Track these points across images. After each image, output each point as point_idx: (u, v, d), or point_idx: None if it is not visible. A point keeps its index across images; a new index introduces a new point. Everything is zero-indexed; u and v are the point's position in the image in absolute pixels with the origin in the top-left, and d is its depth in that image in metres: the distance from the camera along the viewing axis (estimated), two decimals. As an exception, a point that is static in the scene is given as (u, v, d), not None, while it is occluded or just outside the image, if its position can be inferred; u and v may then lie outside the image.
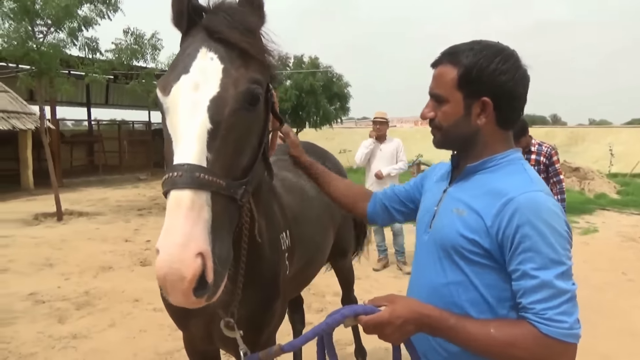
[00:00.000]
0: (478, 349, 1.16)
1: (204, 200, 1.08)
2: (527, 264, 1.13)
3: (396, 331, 1.17)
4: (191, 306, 1.08)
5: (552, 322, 1.09)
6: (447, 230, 1.29)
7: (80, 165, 19.41)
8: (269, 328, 1.87)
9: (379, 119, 6.20)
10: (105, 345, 4.07)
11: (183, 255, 1.00)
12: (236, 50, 1.25)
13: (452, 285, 1.28)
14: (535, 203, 1.16)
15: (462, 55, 1.28)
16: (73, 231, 8.50)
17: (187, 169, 1.09)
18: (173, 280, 1.01)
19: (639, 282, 5.73)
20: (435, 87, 1.33)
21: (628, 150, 18.10)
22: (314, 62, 19.47)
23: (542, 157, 4.81)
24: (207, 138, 1.13)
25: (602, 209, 10.57)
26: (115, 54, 9.77)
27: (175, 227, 1.03)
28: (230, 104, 1.18)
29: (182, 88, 1.19)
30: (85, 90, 20.84)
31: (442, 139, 1.37)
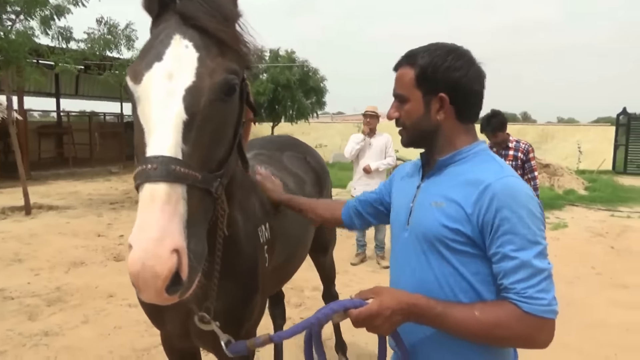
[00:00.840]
0: (465, 333, 1.21)
1: (180, 193, 1.05)
2: (506, 246, 1.19)
3: (385, 322, 1.20)
4: (163, 303, 1.05)
5: (532, 299, 1.16)
6: (429, 223, 1.32)
7: (49, 158, 18.81)
8: (248, 322, 1.85)
9: (369, 112, 6.16)
10: (78, 342, 3.96)
11: (158, 251, 0.97)
12: (212, 38, 1.21)
13: (440, 277, 1.31)
14: (511, 187, 1.23)
15: (418, 56, 1.37)
16: (42, 225, 8.24)
17: (162, 161, 1.05)
18: (146, 278, 0.98)
19: (608, 276, 5.93)
20: (397, 88, 1.42)
21: (595, 147, 18.70)
22: (290, 56, 19.36)
23: (520, 153, 4.92)
24: (182, 129, 1.09)
25: (571, 204, 10.87)
26: (88, 43, 9.48)
27: (149, 221, 0.99)
28: (206, 95, 1.15)
29: (155, 76, 1.14)
30: (54, 80, 20.21)
31: (408, 137, 1.45)
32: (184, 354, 2.04)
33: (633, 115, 18.72)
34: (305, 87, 19.20)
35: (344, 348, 3.61)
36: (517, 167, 4.85)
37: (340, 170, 15.35)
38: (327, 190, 3.13)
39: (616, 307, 4.90)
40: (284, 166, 2.64)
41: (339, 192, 11.74)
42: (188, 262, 1.03)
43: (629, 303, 5.00)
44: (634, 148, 18.46)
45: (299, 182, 2.63)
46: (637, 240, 7.65)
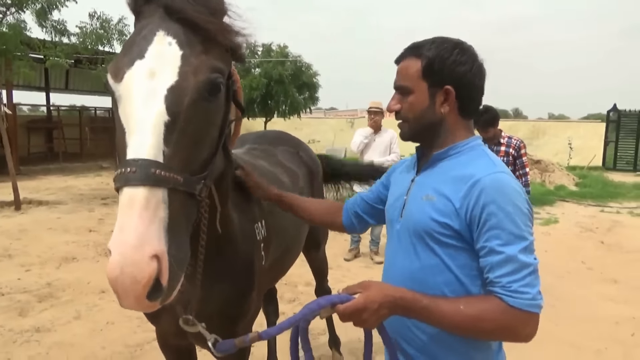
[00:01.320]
0: (450, 326, 1.23)
1: (160, 197, 1.02)
2: (493, 240, 1.21)
3: (372, 316, 1.21)
4: (144, 310, 1.03)
5: (517, 293, 1.18)
6: (419, 216, 1.34)
7: (39, 153, 18.61)
8: (244, 320, 1.84)
9: (374, 108, 6.10)
10: (70, 338, 3.94)
11: (137, 257, 0.94)
12: (197, 34, 1.17)
13: (426, 268, 1.33)
14: (500, 183, 1.24)
15: (425, 48, 1.37)
16: (33, 221, 8.16)
17: (141, 164, 1.01)
18: (125, 284, 0.95)
19: (598, 270, 5.99)
20: (400, 80, 1.40)
21: (585, 144, 18.86)
22: (282, 51, 19.29)
23: (512, 149, 4.94)
24: (163, 131, 1.06)
25: (562, 200, 10.96)
26: (80, 38, 9.37)
27: (128, 227, 0.96)
28: (189, 94, 1.11)
29: (136, 75, 1.10)
30: (44, 74, 19.97)
31: (410, 131, 1.43)
32: (179, 351, 2.03)
33: (623, 111, 18.88)
34: (298, 82, 19.15)
35: (337, 343, 3.62)
36: (508, 163, 4.87)
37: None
38: (318, 185, 3.13)
39: (606, 301, 4.96)
40: (277, 161, 2.63)
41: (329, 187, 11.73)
42: (169, 268, 1.00)
43: (618, 297, 5.06)
44: (623, 144, 18.63)
45: (292, 176, 2.62)
46: (626, 236, 7.73)
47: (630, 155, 18.44)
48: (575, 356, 3.75)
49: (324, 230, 3.35)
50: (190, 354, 2.09)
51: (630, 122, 18.71)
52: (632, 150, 18.38)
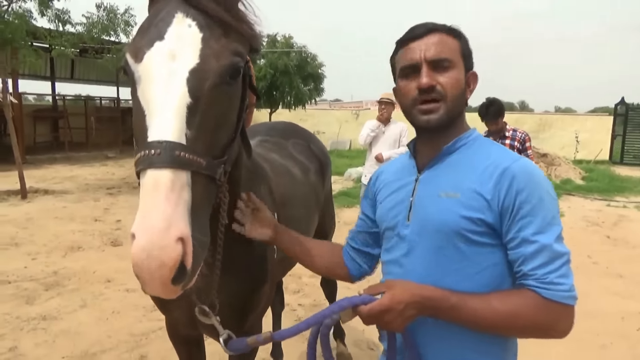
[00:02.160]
0: (482, 324, 1.15)
1: (185, 180, 1.01)
2: (525, 229, 1.14)
3: (398, 317, 1.13)
4: (168, 296, 1.01)
5: (554, 285, 1.11)
6: (442, 216, 1.23)
7: (45, 142, 18.68)
8: (254, 313, 1.83)
9: (384, 99, 6.00)
10: (76, 326, 3.97)
11: (164, 241, 0.93)
12: (215, 18, 1.16)
13: (453, 273, 1.22)
14: (529, 170, 1.20)
15: (455, 29, 1.31)
16: (39, 209, 8.21)
17: (165, 146, 1.00)
18: (152, 268, 0.93)
19: (603, 265, 5.96)
20: (441, 52, 1.25)
21: (592, 137, 18.71)
22: (287, 42, 19.18)
23: (517, 142, 4.91)
24: (186, 113, 1.05)
25: (568, 194, 10.89)
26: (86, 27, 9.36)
27: (154, 209, 0.95)
28: (211, 77, 1.10)
29: (156, 56, 1.09)
30: (49, 64, 19.98)
31: (447, 112, 1.26)
32: (188, 340, 2.03)
33: (631, 105, 18.73)
34: (303, 73, 19.06)
35: (342, 335, 3.62)
36: (513, 157, 4.85)
37: (337, 157, 15.34)
38: (328, 179, 3.12)
39: (612, 296, 4.94)
40: (289, 153, 2.62)
41: (336, 179, 11.74)
42: (193, 251, 0.99)
43: (624, 292, 5.03)
44: (631, 138, 18.49)
45: (304, 170, 2.61)
46: (632, 230, 7.68)
47: (637, 149, 18.30)
48: (581, 351, 3.74)
49: (331, 222, 3.34)
50: (199, 344, 2.09)
51: (637, 116, 18.56)
52: (639, 144, 18.23)
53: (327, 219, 3.15)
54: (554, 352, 3.60)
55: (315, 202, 2.66)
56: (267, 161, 2.14)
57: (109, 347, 3.63)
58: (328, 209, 3.17)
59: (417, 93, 1.27)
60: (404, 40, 1.32)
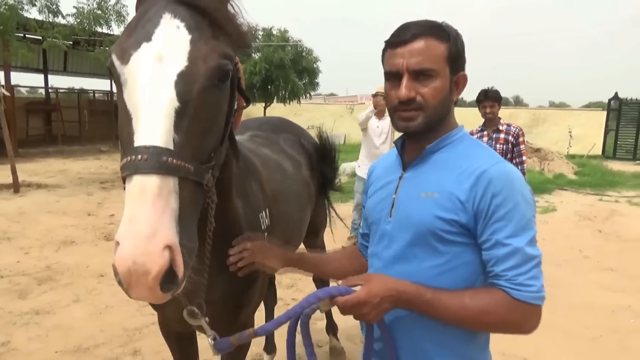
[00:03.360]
0: (454, 320, 1.20)
1: (172, 186, 0.99)
2: (499, 233, 1.17)
3: (373, 309, 1.18)
4: (157, 301, 1.01)
5: (523, 286, 1.15)
6: (420, 215, 1.26)
7: (37, 135, 18.53)
8: (247, 309, 1.84)
9: (380, 93, 6.06)
10: (69, 321, 3.97)
11: (150, 248, 0.92)
12: (204, 18, 1.13)
13: (428, 270, 1.26)
14: (507, 174, 1.21)
15: (445, 30, 1.27)
16: (31, 203, 8.17)
17: (152, 152, 0.98)
18: (138, 276, 0.93)
19: (595, 259, 6.02)
20: (423, 62, 1.23)
21: (585, 132, 18.81)
22: (283, 36, 19.10)
23: (511, 136, 4.95)
24: (174, 117, 1.02)
25: (561, 188, 10.96)
26: (77, 18, 9.27)
27: (140, 216, 0.93)
28: (200, 81, 1.08)
29: (143, 58, 1.06)
30: (42, 56, 19.79)
31: (426, 120, 1.26)
32: (181, 336, 2.04)
33: (624, 100, 18.81)
34: (298, 67, 19.00)
35: (335, 329, 3.64)
36: (507, 150, 4.89)
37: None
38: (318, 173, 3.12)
39: (602, 289, 4.99)
40: (280, 148, 2.62)
41: (331, 173, 11.71)
42: (182, 259, 0.98)
43: (614, 286, 5.09)
44: (624, 133, 18.60)
45: (295, 164, 2.61)
46: (624, 224, 7.75)
47: (630, 144, 18.42)
48: (571, 344, 3.79)
49: (323, 217, 3.35)
50: (192, 340, 2.10)
51: (631, 111, 18.66)
52: (632, 139, 18.36)
53: (319, 214, 3.16)
54: (544, 344, 3.65)
55: (307, 197, 2.66)
56: (258, 156, 2.14)
57: (102, 342, 3.64)
58: (320, 204, 3.18)
59: (398, 103, 1.28)
60: (390, 43, 1.30)
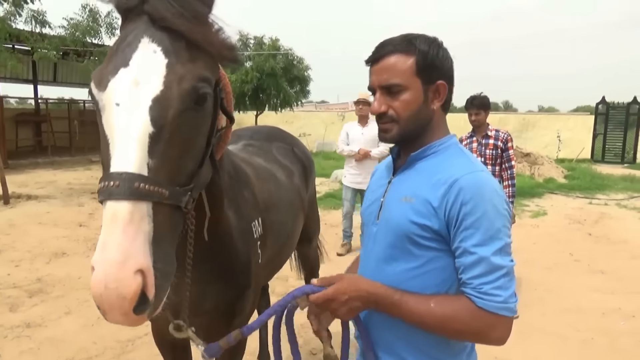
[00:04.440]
0: (420, 323, 1.23)
1: (145, 211, 1.00)
2: (467, 241, 1.19)
3: (341, 307, 1.25)
4: (132, 325, 1.03)
5: (487, 295, 1.17)
6: (398, 219, 1.31)
7: (27, 146, 18.38)
8: (240, 317, 1.86)
9: (362, 99, 6.14)
10: (61, 333, 3.94)
11: (121, 273, 0.94)
12: (182, 41, 1.13)
13: (403, 272, 1.31)
14: (478, 183, 1.23)
15: (414, 43, 1.31)
16: (22, 215, 8.09)
17: (125, 178, 0.99)
18: (111, 301, 0.95)
19: (585, 262, 6.07)
20: (390, 78, 1.31)
21: (574, 136, 19.02)
22: (274, 44, 19.19)
23: (500, 141, 5.00)
24: (148, 142, 1.03)
25: (551, 192, 11.06)
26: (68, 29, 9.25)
27: (112, 242, 0.95)
28: (174, 105, 1.07)
29: (120, 84, 1.07)
30: (31, 67, 19.68)
31: (400, 131, 1.34)
32: (175, 346, 2.04)
33: (611, 104, 19.04)
34: (290, 75, 19.09)
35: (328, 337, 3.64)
36: (496, 155, 4.94)
37: (324, 159, 15.34)
38: (312, 181, 3.15)
39: (593, 292, 5.03)
40: (273, 157, 2.64)
41: (323, 181, 11.76)
42: (155, 281, 1.00)
43: (605, 288, 5.14)
44: (611, 137, 18.80)
45: (288, 174, 2.63)
46: (613, 227, 7.84)
47: (618, 147, 18.62)
48: (562, 346, 3.82)
49: (315, 224, 3.36)
50: (186, 349, 2.11)
51: (618, 115, 18.88)
52: (619, 143, 18.56)
53: (312, 222, 3.18)
54: (536, 347, 3.68)
55: (300, 205, 2.68)
56: (251, 165, 2.16)
57: (94, 354, 3.61)
58: (312, 213, 3.20)
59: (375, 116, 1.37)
60: (368, 62, 1.39)
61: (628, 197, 10.62)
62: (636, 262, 6.03)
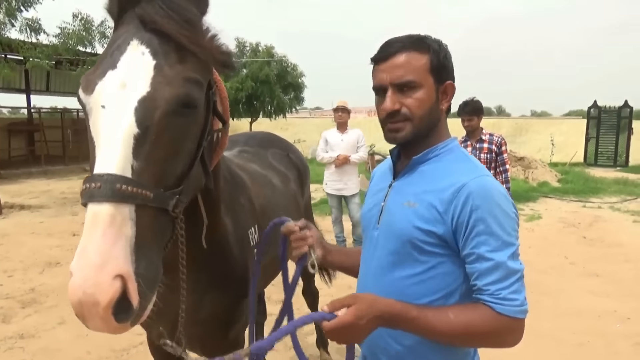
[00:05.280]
0: (439, 336, 1.20)
1: (127, 214, 0.97)
2: (481, 247, 1.18)
3: (360, 331, 1.16)
4: (114, 332, 0.97)
5: (506, 301, 1.16)
6: (401, 224, 1.29)
7: (20, 156, 18.29)
8: (237, 325, 1.84)
9: (341, 106, 6.20)
10: (55, 343, 3.90)
11: (98, 278, 0.90)
12: (172, 44, 1.11)
13: (406, 278, 1.29)
14: (486, 187, 1.22)
15: (426, 42, 1.30)
16: (15, 225, 8.04)
17: (106, 179, 0.97)
18: (88, 307, 0.91)
19: (580, 265, 6.09)
20: (405, 75, 1.27)
21: (567, 140, 19.15)
22: (269, 51, 19.26)
23: (494, 146, 5.03)
24: (133, 144, 1.01)
25: (545, 196, 11.10)
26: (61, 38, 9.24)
27: (90, 246, 0.92)
28: (161, 107, 1.05)
29: (107, 86, 1.06)
30: (24, 76, 19.63)
31: (414, 130, 1.30)
32: (170, 355, 2.02)
33: (603, 108, 19.19)
34: (284, 82, 19.14)
35: (325, 343, 3.63)
36: (491, 159, 4.96)
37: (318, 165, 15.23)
38: (307, 187, 3.15)
39: (588, 295, 5.05)
40: (269, 163, 2.64)
41: (318, 187, 11.74)
42: (137, 288, 0.96)
43: (600, 291, 5.15)
44: (604, 140, 18.93)
45: (284, 179, 2.63)
46: (607, 230, 7.87)
47: (610, 150, 18.75)
48: (558, 350, 3.82)
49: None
50: (181, 358, 2.08)
51: (610, 118, 19.03)
52: (612, 146, 18.69)
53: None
54: (532, 351, 3.67)
55: (296, 211, 2.68)
56: (246, 172, 2.15)
57: (89, 364, 3.58)
58: (308, 217, 3.19)
59: (385, 115, 1.31)
60: (375, 60, 1.35)
61: (621, 200, 10.69)
62: (631, 265, 6.05)
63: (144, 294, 0.98)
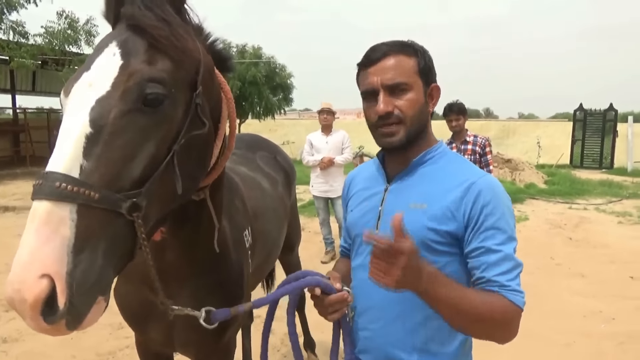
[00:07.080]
0: (454, 306, 1.16)
1: (66, 214, 0.93)
2: (489, 240, 1.22)
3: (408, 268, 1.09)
4: (48, 333, 0.95)
5: (515, 291, 1.20)
6: (411, 226, 1.21)
7: (5, 157, 18.05)
8: (232, 327, 1.83)
9: (325, 109, 6.21)
10: (40, 347, 3.83)
11: (24, 275, 0.89)
12: (145, 43, 1.11)
13: None
14: (494, 186, 1.28)
15: (412, 46, 1.34)
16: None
17: (48, 177, 0.95)
18: (17, 304, 0.90)
19: (566, 266, 6.16)
20: (396, 77, 1.29)
21: (553, 142, 19.37)
22: (256, 52, 19.22)
23: (478, 147, 5.08)
24: (84, 143, 0.99)
25: (532, 198, 11.21)
26: (46, 38, 9.14)
27: (24, 242, 0.91)
28: (117, 105, 1.03)
29: (77, 87, 1.07)
30: (9, 76, 19.39)
31: (408, 132, 1.31)
32: (159, 357, 2.01)
33: (589, 111, 19.43)
34: (272, 83, 19.11)
35: (312, 345, 3.62)
36: (475, 161, 5.01)
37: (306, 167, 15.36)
38: (293, 190, 3.15)
39: (574, 295, 5.11)
40: (257, 166, 2.63)
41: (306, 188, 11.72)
42: (69, 290, 0.91)
43: (586, 291, 5.22)
44: (589, 143, 19.17)
45: (272, 182, 2.63)
46: (593, 231, 7.96)
47: (595, 153, 18.99)
48: (545, 350, 3.85)
49: (297, 232, 3.36)
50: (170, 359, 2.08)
51: (595, 121, 19.27)
52: (597, 148, 18.92)
53: (294, 229, 3.17)
54: (520, 351, 3.69)
55: (284, 213, 2.68)
56: (237, 174, 2.15)
57: (74, 368, 3.53)
58: (294, 221, 3.20)
59: (377, 118, 1.32)
60: (363, 64, 1.36)
61: (606, 201, 10.83)
62: (616, 266, 6.13)
63: (82, 299, 0.94)
